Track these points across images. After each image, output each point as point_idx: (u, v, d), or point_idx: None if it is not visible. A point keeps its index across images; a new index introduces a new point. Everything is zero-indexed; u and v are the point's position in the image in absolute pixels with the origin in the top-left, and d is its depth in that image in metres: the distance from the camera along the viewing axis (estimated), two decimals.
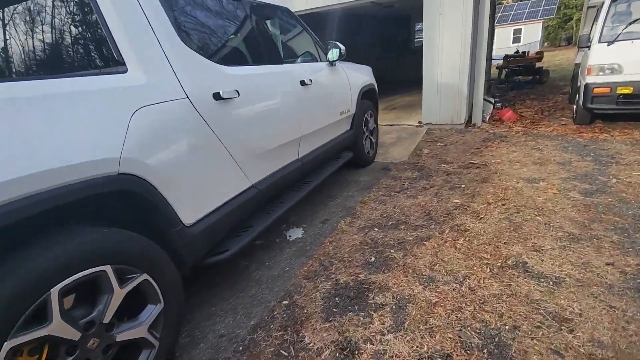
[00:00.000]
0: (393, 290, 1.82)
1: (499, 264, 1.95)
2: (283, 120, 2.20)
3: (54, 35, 1.46)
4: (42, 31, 1.44)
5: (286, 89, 2.23)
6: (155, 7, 1.52)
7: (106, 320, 1.17)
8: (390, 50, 11.30)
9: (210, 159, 1.65)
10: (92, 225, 1.15)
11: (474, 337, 1.48)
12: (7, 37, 1.46)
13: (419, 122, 5.30)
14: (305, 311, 1.74)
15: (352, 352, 1.47)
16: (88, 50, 1.50)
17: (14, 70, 1.52)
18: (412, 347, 1.46)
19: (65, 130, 1.07)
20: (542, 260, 1.94)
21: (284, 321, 1.69)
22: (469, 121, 5.19)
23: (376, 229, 2.47)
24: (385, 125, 5.51)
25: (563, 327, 1.49)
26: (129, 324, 1.27)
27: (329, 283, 1.94)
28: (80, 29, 1.45)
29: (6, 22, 1.47)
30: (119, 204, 1.28)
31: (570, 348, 1.39)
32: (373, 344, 1.50)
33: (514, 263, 1.94)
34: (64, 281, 1.03)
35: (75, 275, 1.06)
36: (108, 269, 1.16)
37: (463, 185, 3.08)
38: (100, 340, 1.16)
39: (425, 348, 1.45)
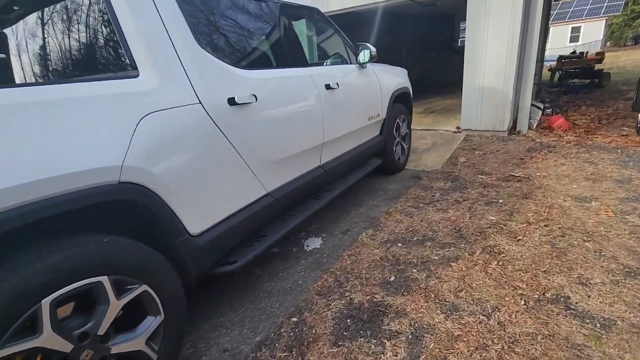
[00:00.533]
0: (411, 316, 1.67)
1: (536, 296, 1.72)
2: (304, 126, 2.11)
3: (66, 40, 1.47)
4: (55, 35, 1.46)
5: (309, 93, 2.14)
6: (172, 10, 1.49)
7: (101, 332, 1.14)
8: (432, 50, 10.86)
9: (222, 167, 1.59)
10: (89, 235, 1.12)
11: None
12: (23, 42, 1.50)
13: (457, 128, 4.98)
14: (313, 331, 1.64)
15: None
16: (100, 55, 1.50)
17: (26, 75, 1.55)
18: None
19: (64, 137, 1.05)
20: (589, 297, 1.69)
21: (290, 341, 1.60)
22: (514, 128, 4.80)
23: (399, 244, 2.31)
24: (420, 129, 5.25)
25: None
26: (126, 335, 1.23)
27: (342, 302, 1.82)
28: (93, 32, 1.45)
29: (23, 27, 1.51)
30: (120, 213, 1.25)
31: None
32: None
33: (554, 297, 1.71)
34: (56, 293, 1.01)
35: (68, 287, 1.04)
36: (104, 279, 1.13)
37: (501, 201, 2.81)
38: (95, 352, 1.13)
39: None
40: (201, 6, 1.68)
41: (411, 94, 3.84)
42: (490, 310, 1.65)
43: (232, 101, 1.61)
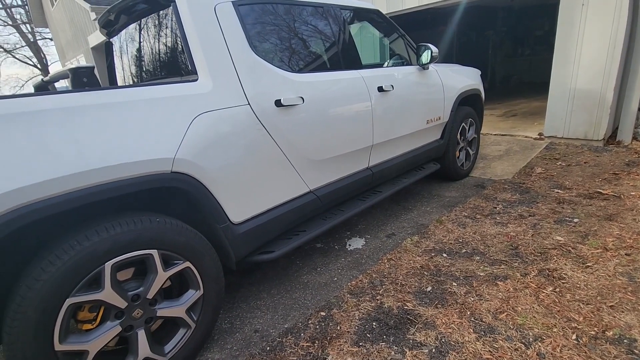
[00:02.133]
0: (439, 330, 1.61)
1: (593, 332, 1.51)
2: (352, 128, 2.15)
3: (142, 49, 1.74)
4: (132, 46, 1.74)
5: (359, 95, 2.16)
6: (231, 19, 1.66)
7: (150, 296, 1.36)
8: (524, 47, 9.79)
9: (265, 163, 1.73)
10: (144, 214, 1.34)
11: None
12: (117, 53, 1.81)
13: (540, 134, 4.46)
14: (338, 328, 1.69)
15: None
16: (168, 62, 1.74)
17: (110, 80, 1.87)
18: None
19: (131, 132, 1.27)
20: None
21: (315, 332, 1.68)
22: (612, 137, 4.13)
23: (444, 255, 2.21)
24: (495, 134, 4.83)
25: None
26: (170, 302, 1.45)
27: (372, 304, 1.83)
28: (164, 43, 1.69)
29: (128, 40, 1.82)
30: (172, 199, 1.46)
31: None
32: None
33: (617, 337, 1.48)
34: (116, 258, 1.24)
35: (125, 255, 1.26)
36: (155, 253, 1.34)
37: (576, 220, 2.48)
38: (144, 312, 1.36)
39: None
40: (259, 15, 1.83)
41: (482, 96, 3.57)
42: (531, 339, 1.51)
43: (278, 103, 1.73)
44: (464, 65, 3.60)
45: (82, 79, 1.52)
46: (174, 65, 1.75)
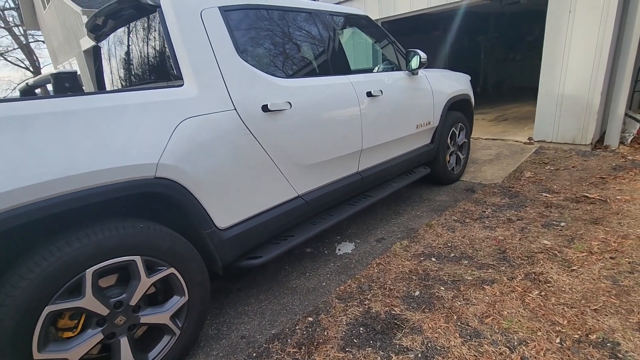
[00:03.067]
0: (426, 334, 1.61)
1: (577, 336, 1.53)
2: (340, 132, 2.15)
3: (129, 54, 1.73)
4: (120, 51, 1.73)
5: (347, 100, 2.17)
6: (218, 25, 1.66)
7: (132, 302, 1.35)
8: (515, 52, 9.93)
9: (252, 169, 1.73)
10: (128, 220, 1.33)
11: None
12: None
13: (529, 139, 4.51)
14: (325, 333, 1.68)
15: None
16: (154, 67, 1.74)
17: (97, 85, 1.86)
18: None
19: (115, 136, 1.26)
20: None
21: (302, 338, 1.67)
22: (600, 142, 4.19)
23: (433, 259, 2.22)
24: (486, 139, 4.88)
25: None
26: (154, 309, 1.43)
27: (360, 309, 1.83)
28: (150, 48, 1.69)
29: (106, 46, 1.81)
30: (156, 204, 1.45)
31: None
32: None
33: (600, 340, 1.49)
34: (97, 265, 1.22)
35: (107, 262, 1.25)
36: (138, 259, 1.33)
37: (563, 224, 2.50)
38: (127, 319, 1.34)
39: None
40: (246, 20, 1.84)
41: (472, 100, 3.61)
42: (515, 343, 1.52)
43: (265, 108, 1.73)
44: (455, 70, 3.64)
45: (64, 84, 1.51)
46: (159, 70, 1.75)
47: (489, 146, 4.59)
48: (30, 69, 22.23)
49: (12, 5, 20.26)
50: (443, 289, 1.93)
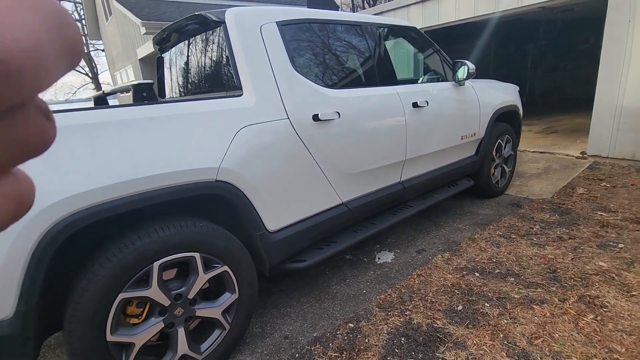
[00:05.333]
0: (470, 351, 1.58)
1: None
2: (385, 142, 2.18)
3: (192, 65, 1.87)
4: (195, 63, 1.87)
5: (393, 111, 2.20)
6: (275, 39, 1.76)
7: (190, 296, 1.45)
8: (567, 61, 9.41)
9: (301, 175, 1.80)
10: (190, 219, 1.44)
11: None
12: (168, 69, 1.96)
13: (582, 153, 4.26)
14: (366, 341, 1.70)
15: None
16: (215, 78, 1.87)
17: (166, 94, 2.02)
18: None
19: (182, 142, 1.38)
20: None
21: (343, 343, 1.70)
22: None
23: (476, 274, 2.17)
24: (533, 152, 4.67)
25: None
26: (208, 304, 1.53)
27: (401, 319, 1.83)
28: (211, 59, 1.82)
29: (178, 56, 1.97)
30: (215, 206, 1.55)
31: None
32: None
33: None
34: (163, 259, 1.34)
35: (172, 256, 1.36)
36: (197, 255, 1.43)
37: (621, 245, 2.35)
38: (184, 310, 1.45)
39: None
40: (300, 34, 1.93)
41: (520, 112, 3.48)
42: None
43: (316, 117, 1.80)
44: (502, 80, 3.54)
45: (143, 94, 1.67)
46: (220, 80, 1.88)
47: (537, 159, 4.38)
48: (89, 75, 24.24)
49: (77, 17, 22.31)
50: (488, 305, 1.88)
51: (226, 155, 1.48)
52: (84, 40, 21.85)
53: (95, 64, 24.10)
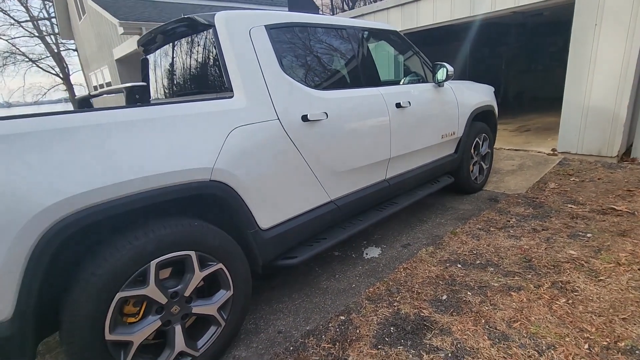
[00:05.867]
0: (455, 336, 1.68)
1: (605, 343, 1.57)
2: (371, 141, 2.26)
3: (180, 66, 1.90)
4: (183, 65, 1.90)
5: (378, 111, 2.29)
6: (264, 42, 1.81)
7: (187, 294, 1.48)
8: (538, 63, 9.85)
9: (291, 174, 1.85)
10: (185, 218, 1.47)
11: None
12: (158, 71, 1.97)
13: (553, 150, 4.51)
14: (357, 331, 1.78)
15: None
16: (207, 80, 1.90)
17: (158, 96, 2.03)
18: None
19: (176, 143, 1.41)
20: None
21: (335, 335, 1.77)
22: (627, 154, 4.15)
23: (459, 266, 2.29)
24: (508, 149, 4.89)
25: None
26: (204, 301, 1.56)
27: (390, 310, 1.91)
28: (201, 62, 1.85)
29: (157, 59, 1.99)
30: (209, 205, 1.59)
31: None
32: None
33: (628, 348, 1.53)
34: (160, 257, 1.37)
35: (168, 255, 1.39)
36: (192, 254, 1.46)
37: (589, 235, 2.53)
38: (181, 308, 1.48)
39: None
40: (288, 37, 1.98)
41: (496, 112, 3.66)
42: (544, 347, 1.57)
43: (305, 118, 1.86)
44: (477, 81, 3.71)
45: (135, 95, 1.68)
46: (209, 82, 1.91)
47: (512, 157, 4.60)
48: (60, 75, 23.32)
49: (46, 15, 21.44)
50: (470, 294, 1.99)
51: (219, 156, 1.52)
52: (53, 39, 21.02)
53: (67, 64, 23.21)
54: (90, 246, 1.31)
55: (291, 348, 1.71)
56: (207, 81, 1.93)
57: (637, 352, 1.51)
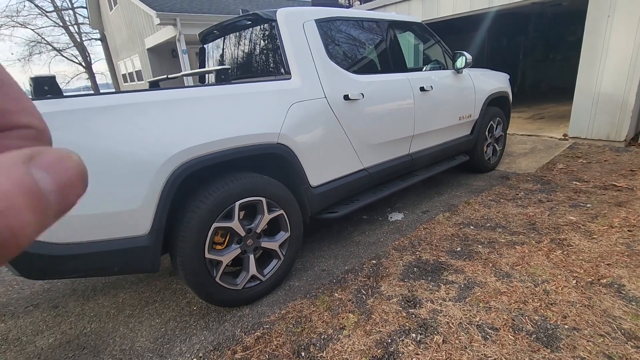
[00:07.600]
0: (467, 274, 2.09)
1: (590, 279, 1.95)
2: (398, 119, 2.65)
3: (253, 54, 2.31)
4: (246, 52, 2.31)
5: (405, 93, 2.66)
6: (315, 35, 2.21)
7: (258, 230, 1.92)
8: (556, 52, 9.91)
9: (335, 143, 2.26)
10: (257, 173, 1.90)
11: (527, 324, 1.66)
12: (225, 56, 2.40)
13: (564, 135, 4.78)
14: (387, 270, 2.20)
15: (414, 304, 1.87)
16: (270, 64, 2.31)
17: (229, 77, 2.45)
18: (465, 314, 1.76)
19: (254, 112, 1.84)
20: None
21: (369, 273, 2.19)
22: (634, 139, 4.40)
23: (471, 227, 2.67)
24: (522, 134, 5.18)
25: (630, 343, 1.51)
26: (269, 238, 2.00)
27: (413, 257, 2.32)
28: (263, 50, 2.26)
29: (225, 46, 2.41)
30: (274, 163, 2.02)
31: (627, 359, 1.44)
32: (433, 304, 1.85)
33: (608, 282, 1.91)
34: (241, 200, 1.80)
35: (247, 198, 1.83)
36: (263, 200, 1.90)
37: (589, 205, 2.87)
38: (253, 242, 1.92)
39: (477, 318, 1.72)
40: (332, 29, 2.37)
41: (510, 98, 3.97)
42: (539, 282, 1.96)
43: (346, 97, 2.26)
44: (494, 69, 4.02)
45: (221, 76, 2.10)
46: (270, 67, 2.32)
47: (524, 141, 4.90)
48: (83, 64, 24.14)
49: (70, 5, 22.13)
50: (480, 247, 2.38)
51: (284, 124, 1.94)
52: (77, 29, 21.69)
53: (89, 53, 24.00)
54: (197, 187, 1.76)
55: (334, 281, 2.15)
56: (267, 65, 2.34)
57: (615, 285, 1.88)
